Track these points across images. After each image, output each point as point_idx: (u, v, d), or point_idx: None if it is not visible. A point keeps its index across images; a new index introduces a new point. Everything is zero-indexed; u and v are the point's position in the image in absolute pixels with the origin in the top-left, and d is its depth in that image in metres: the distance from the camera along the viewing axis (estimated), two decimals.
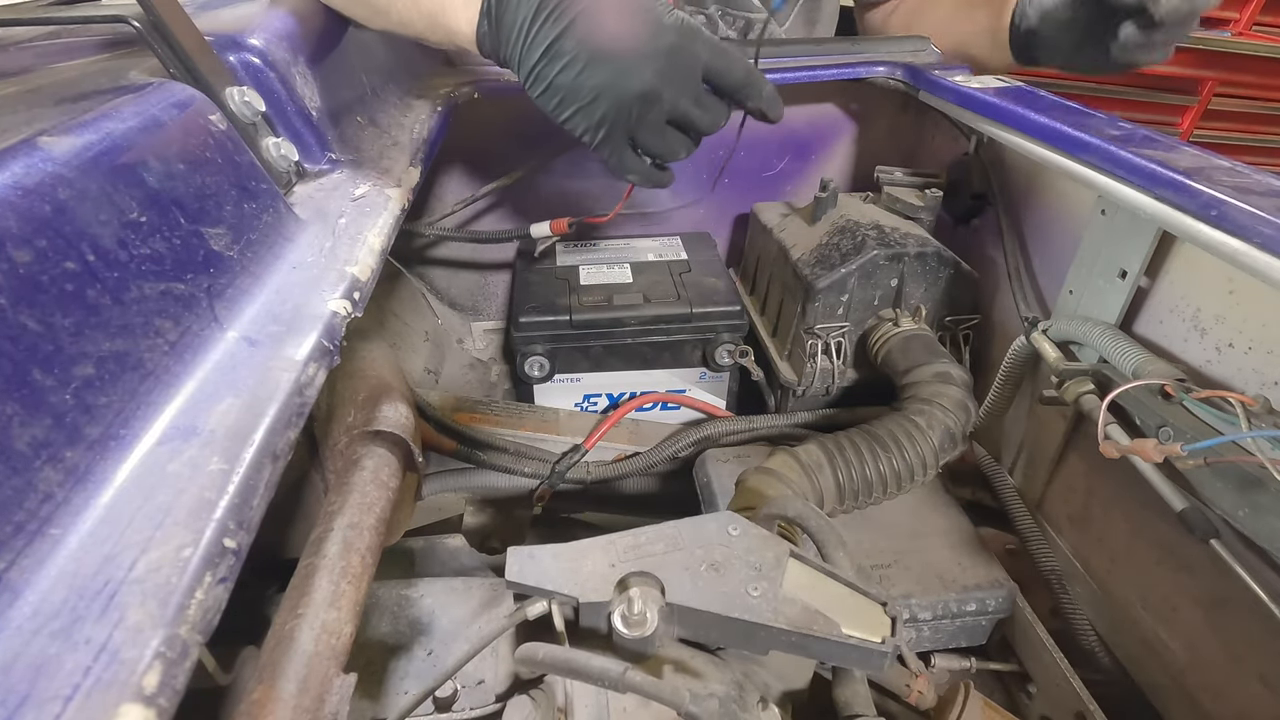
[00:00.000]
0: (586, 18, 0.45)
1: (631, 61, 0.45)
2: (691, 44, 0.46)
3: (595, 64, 0.45)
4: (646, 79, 0.45)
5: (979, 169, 0.78)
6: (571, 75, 0.46)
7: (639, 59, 0.45)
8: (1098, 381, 0.60)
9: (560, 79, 0.46)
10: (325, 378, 0.34)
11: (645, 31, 0.45)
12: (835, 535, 0.48)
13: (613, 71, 0.45)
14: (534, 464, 0.75)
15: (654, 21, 0.45)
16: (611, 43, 0.45)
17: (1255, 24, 2.15)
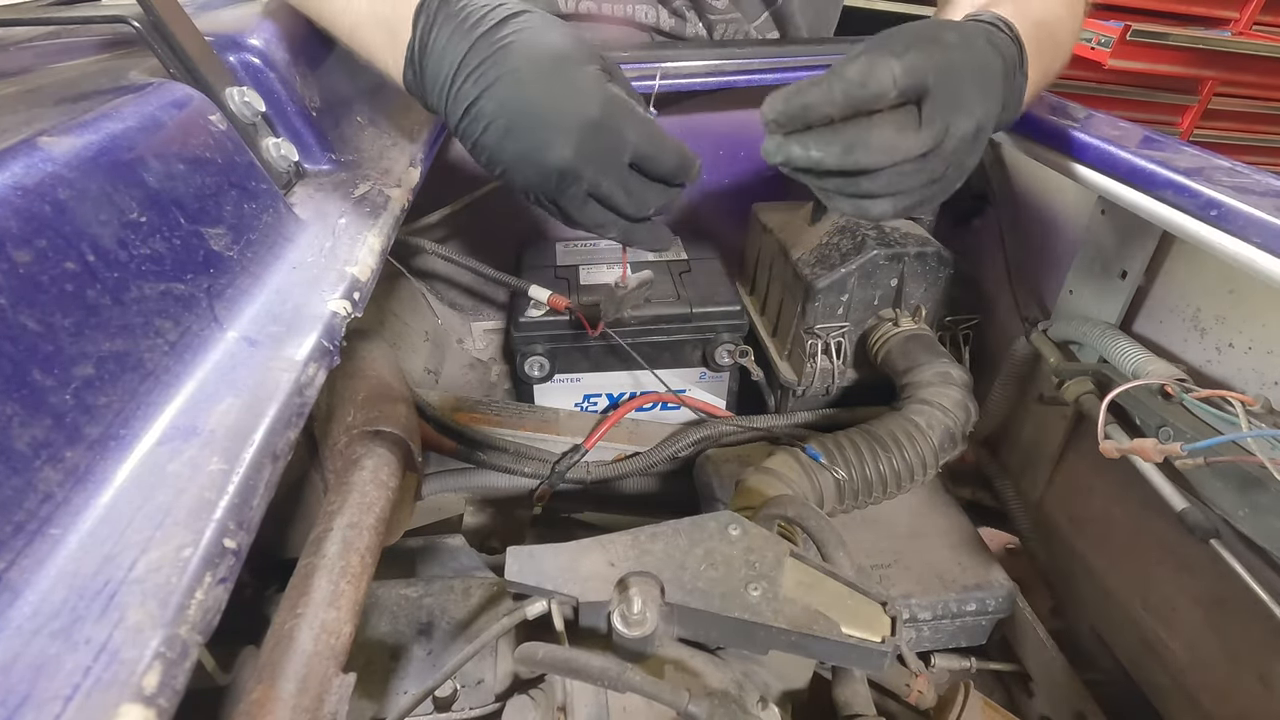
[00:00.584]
0: (506, 82, 0.42)
1: (549, 135, 0.42)
2: (619, 124, 0.44)
3: (514, 131, 0.43)
4: (564, 155, 0.43)
5: (979, 169, 0.78)
6: (493, 138, 0.44)
7: (557, 133, 0.42)
8: (1098, 381, 0.60)
9: (484, 140, 0.44)
10: (325, 378, 0.34)
11: (568, 105, 0.42)
12: (835, 535, 0.48)
13: (530, 142, 0.43)
14: (534, 464, 0.75)
15: (578, 94, 0.43)
16: (529, 112, 0.42)
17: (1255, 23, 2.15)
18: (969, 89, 0.42)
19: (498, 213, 0.92)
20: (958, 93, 0.41)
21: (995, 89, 0.44)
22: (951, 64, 0.41)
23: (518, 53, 0.43)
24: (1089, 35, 2.02)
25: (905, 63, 0.38)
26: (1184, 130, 2.28)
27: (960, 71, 0.41)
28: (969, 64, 0.42)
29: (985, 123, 0.43)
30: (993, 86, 0.44)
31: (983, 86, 0.43)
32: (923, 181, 0.43)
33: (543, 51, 0.43)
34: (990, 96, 0.43)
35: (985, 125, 0.43)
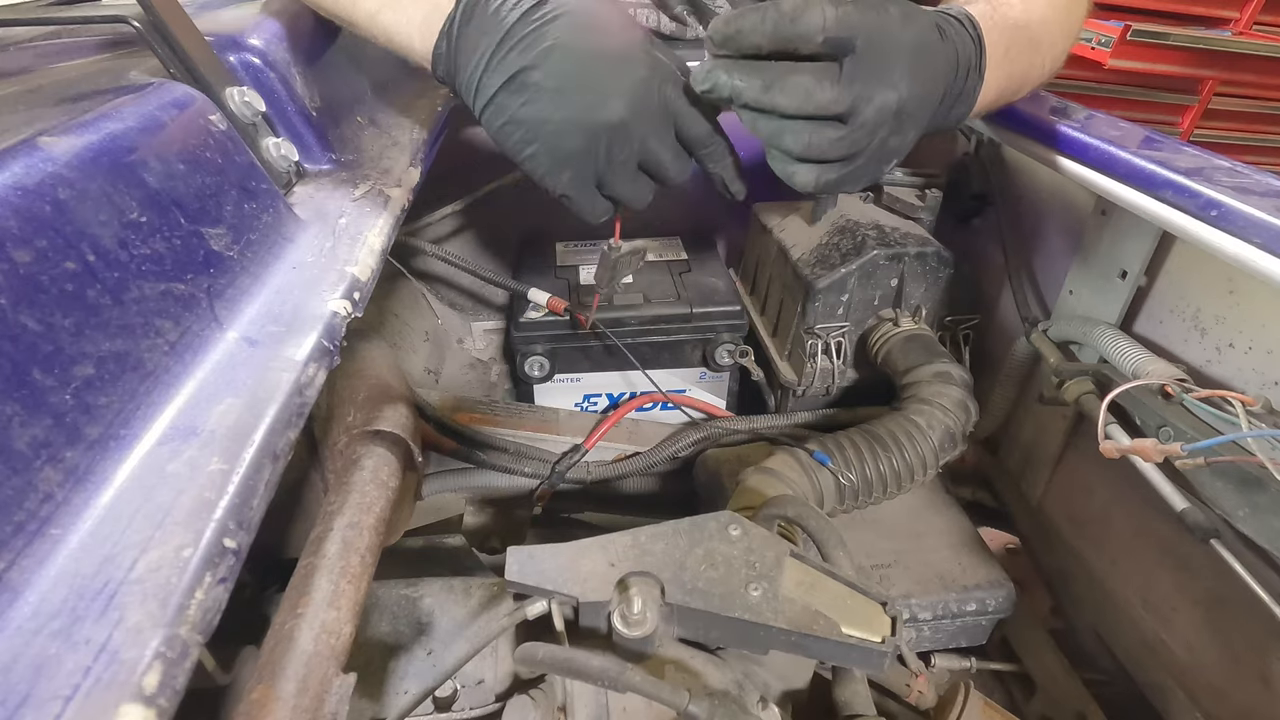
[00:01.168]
0: (558, 48, 0.42)
1: (601, 95, 0.43)
2: (664, 84, 0.44)
3: (564, 93, 0.43)
4: (619, 111, 0.43)
5: (979, 169, 0.78)
6: (536, 109, 0.43)
7: (609, 93, 0.43)
8: (1098, 381, 0.60)
9: (523, 112, 0.44)
10: (325, 378, 0.34)
11: (620, 65, 0.43)
12: (835, 535, 0.48)
13: (583, 104, 0.43)
14: (534, 464, 0.75)
15: (628, 55, 0.43)
16: (582, 73, 0.43)
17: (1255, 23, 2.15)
18: (898, 63, 0.41)
19: (498, 213, 0.92)
20: (884, 62, 0.40)
21: (931, 75, 0.43)
22: (885, 32, 0.40)
23: (565, 23, 0.43)
24: (1089, 35, 2.02)
25: (839, 13, 0.39)
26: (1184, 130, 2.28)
27: (893, 43, 0.41)
28: (906, 40, 0.41)
29: (910, 105, 0.42)
30: (928, 71, 0.43)
31: (915, 67, 0.42)
32: (842, 151, 0.42)
33: (589, 20, 0.44)
34: (922, 80, 0.42)
35: (910, 109, 0.42)
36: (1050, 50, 0.56)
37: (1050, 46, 0.56)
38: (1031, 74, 0.55)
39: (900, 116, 0.42)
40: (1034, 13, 0.53)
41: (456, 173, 0.88)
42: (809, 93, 0.40)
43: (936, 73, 0.44)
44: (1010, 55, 0.50)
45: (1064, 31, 0.57)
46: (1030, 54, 0.53)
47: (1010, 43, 0.50)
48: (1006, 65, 0.50)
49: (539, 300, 0.76)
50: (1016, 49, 0.51)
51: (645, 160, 0.47)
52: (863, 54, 0.40)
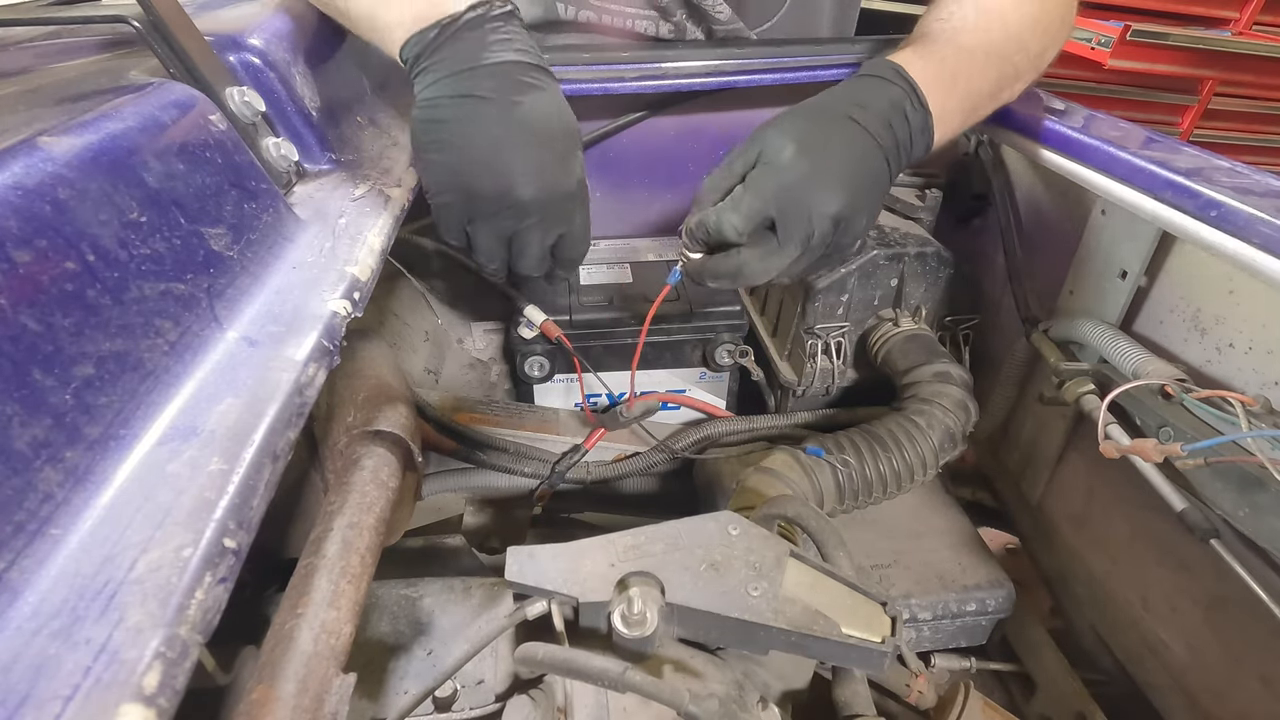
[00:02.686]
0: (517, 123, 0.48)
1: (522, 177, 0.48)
2: (575, 203, 0.53)
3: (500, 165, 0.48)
4: (527, 193, 0.48)
5: (979, 169, 0.78)
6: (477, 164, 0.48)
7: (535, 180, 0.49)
8: (1098, 381, 0.60)
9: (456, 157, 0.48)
10: (325, 378, 0.34)
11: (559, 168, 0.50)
12: (835, 535, 0.48)
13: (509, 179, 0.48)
14: (534, 464, 0.75)
15: (568, 167, 0.51)
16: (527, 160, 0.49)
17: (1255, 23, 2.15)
18: (815, 198, 0.48)
19: None
20: (802, 209, 0.48)
21: (856, 174, 0.49)
22: (787, 187, 0.48)
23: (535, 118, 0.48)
24: (1089, 35, 2.02)
25: (742, 212, 0.48)
26: (1184, 130, 2.28)
27: (799, 189, 0.48)
28: (810, 177, 0.48)
29: (847, 210, 0.48)
30: (852, 175, 0.49)
31: (832, 186, 0.48)
32: (808, 265, 0.51)
33: (557, 128, 0.50)
34: (850, 183, 0.48)
35: (849, 211, 0.49)
36: (1023, 56, 0.59)
37: (1021, 52, 0.58)
38: (1004, 84, 0.58)
39: (842, 224, 0.49)
40: (993, 29, 0.57)
41: None
42: (765, 269, 0.50)
43: (861, 166, 0.50)
44: (966, 77, 0.55)
45: (1040, 32, 0.59)
46: (996, 67, 0.57)
47: (960, 68, 0.55)
48: (960, 87, 0.55)
49: (535, 319, 0.75)
50: (973, 69, 0.56)
51: (518, 239, 0.52)
52: (781, 219, 0.48)
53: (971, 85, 0.56)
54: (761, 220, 0.48)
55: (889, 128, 0.51)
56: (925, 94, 0.52)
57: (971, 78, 0.55)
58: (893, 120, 0.51)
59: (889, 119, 0.51)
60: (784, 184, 0.48)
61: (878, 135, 0.50)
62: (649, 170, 0.87)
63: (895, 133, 0.51)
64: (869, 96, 0.51)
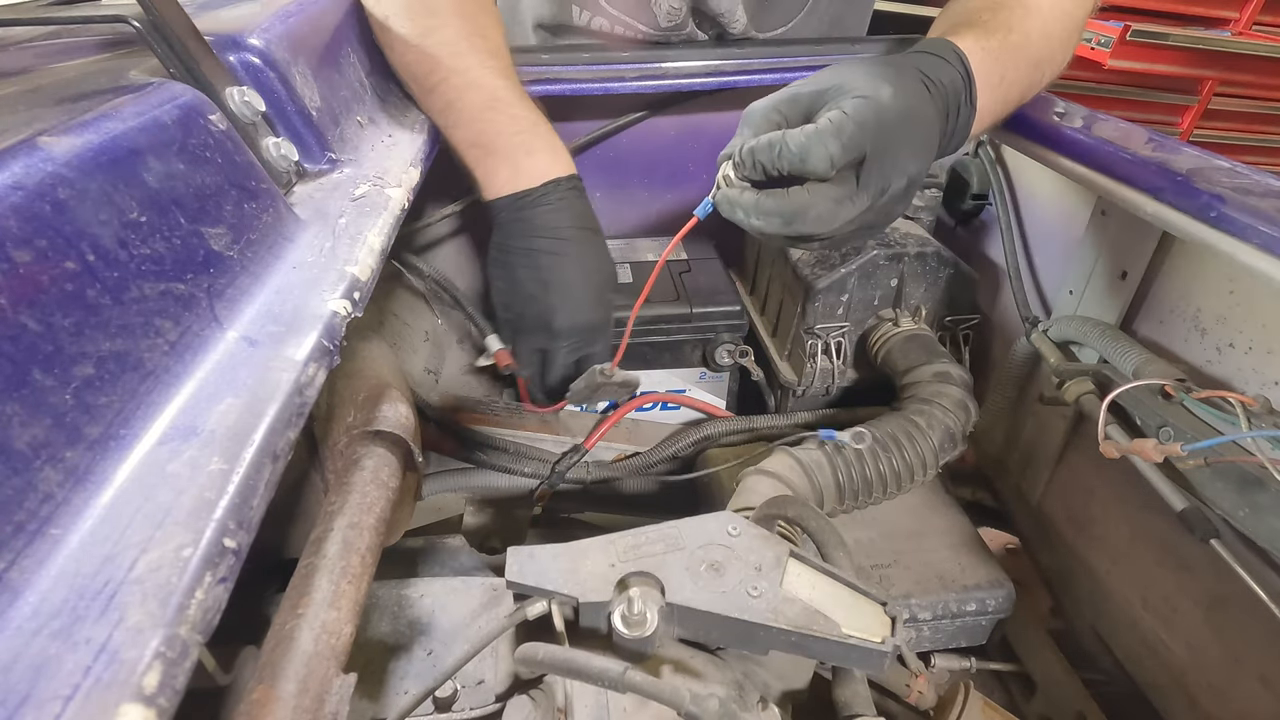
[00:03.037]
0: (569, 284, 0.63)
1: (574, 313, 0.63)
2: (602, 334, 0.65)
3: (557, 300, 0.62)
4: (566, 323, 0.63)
5: (979, 169, 0.78)
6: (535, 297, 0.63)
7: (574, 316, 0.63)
8: (1098, 382, 0.60)
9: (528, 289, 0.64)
10: (325, 378, 0.34)
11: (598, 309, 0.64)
12: (835, 535, 0.48)
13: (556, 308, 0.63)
14: (534, 464, 0.75)
15: (604, 306, 0.64)
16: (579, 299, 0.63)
17: (1255, 23, 2.15)
18: (904, 150, 0.44)
19: None
20: (894, 156, 0.44)
21: (929, 141, 0.46)
22: (887, 128, 0.43)
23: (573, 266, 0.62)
24: (1088, 35, 2.02)
25: (844, 141, 0.42)
26: (1184, 130, 2.28)
27: (896, 134, 0.44)
28: (905, 124, 0.44)
29: (917, 176, 0.46)
30: (927, 140, 0.46)
31: (917, 143, 0.45)
32: (853, 229, 0.47)
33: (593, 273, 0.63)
34: (923, 151, 0.46)
35: (916, 178, 0.46)
36: (1050, 64, 0.58)
37: (1049, 61, 0.58)
38: (1030, 90, 0.58)
39: (908, 190, 0.46)
40: (1033, 31, 0.55)
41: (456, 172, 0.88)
42: (833, 217, 0.44)
43: (932, 137, 0.47)
44: (1006, 80, 0.53)
45: (1065, 42, 0.58)
46: (1029, 72, 0.55)
47: (1006, 68, 0.52)
48: (1002, 90, 0.53)
49: (491, 348, 0.75)
50: (1014, 72, 0.53)
51: (551, 359, 0.65)
52: (873, 159, 0.43)
53: (1011, 91, 0.54)
54: (858, 154, 0.43)
55: (946, 114, 0.48)
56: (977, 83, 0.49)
57: (1013, 83, 0.53)
58: (949, 107, 0.48)
59: (949, 104, 0.48)
60: (886, 122, 0.43)
61: (942, 114, 0.47)
62: (649, 170, 0.87)
63: (949, 108, 0.48)
64: (939, 73, 0.48)
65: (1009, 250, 0.73)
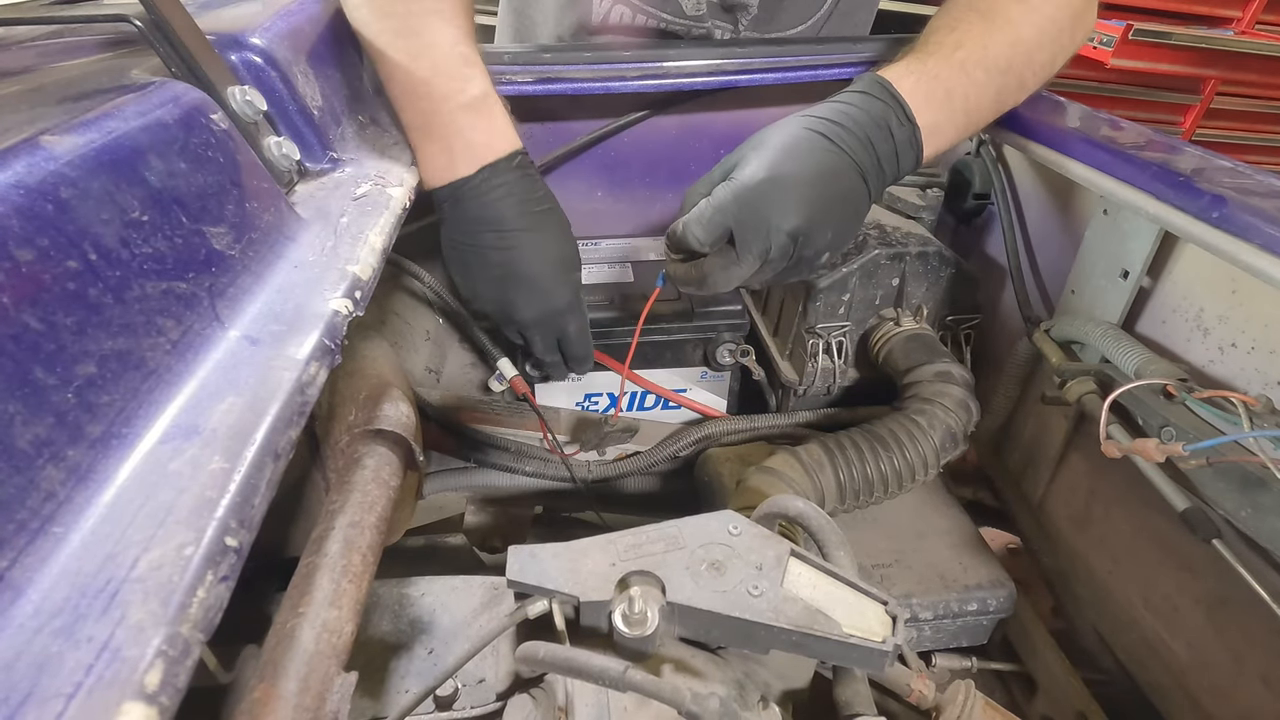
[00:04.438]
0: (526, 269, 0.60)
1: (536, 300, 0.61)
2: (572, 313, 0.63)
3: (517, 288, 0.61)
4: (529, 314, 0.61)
5: (981, 169, 0.78)
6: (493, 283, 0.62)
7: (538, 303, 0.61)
8: (1100, 381, 0.60)
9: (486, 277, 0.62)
10: (326, 377, 0.34)
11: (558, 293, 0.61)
12: (836, 534, 0.48)
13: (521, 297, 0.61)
14: (535, 463, 0.75)
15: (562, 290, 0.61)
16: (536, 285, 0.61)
17: (1258, 23, 2.15)
18: (776, 211, 0.50)
19: None
20: (761, 222, 0.50)
21: (823, 189, 0.51)
22: (747, 203, 0.50)
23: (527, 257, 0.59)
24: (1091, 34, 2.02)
25: (704, 224, 0.51)
26: (1186, 130, 2.28)
27: (760, 203, 0.50)
28: (774, 189, 0.50)
29: (806, 226, 0.50)
30: (818, 188, 0.51)
31: (797, 198, 0.50)
32: (773, 275, 0.54)
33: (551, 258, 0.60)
34: (811, 200, 0.50)
35: (808, 227, 0.50)
36: (1030, 68, 0.58)
37: (1029, 65, 0.58)
38: (1007, 95, 0.58)
39: (800, 236, 0.51)
40: (995, 43, 0.56)
41: None
42: (727, 278, 0.52)
43: (832, 175, 0.51)
44: (963, 94, 0.55)
45: (1050, 42, 0.58)
46: (998, 81, 0.57)
47: (954, 83, 0.55)
48: (960, 101, 0.55)
49: (507, 372, 0.75)
50: (971, 85, 0.56)
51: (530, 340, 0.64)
52: (739, 235, 0.50)
53: (970, 101, 0.56)
54: (722, 232, 0.51)
55: (867, 144, 0.52)
56: (914, 109, 0.53)
57: (969, 94, 0.56)
58: (873, 136, 0.52)
59: (869, 135, 0.52)
60: (742, 199, 0.50)
61: (852, 152, 0.51)
62: (651, 170, 0.87)
63: (876, 149, 0.52)
64: (851, 112, 0.52)
65: (1011, 249, 0.72)
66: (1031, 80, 0.59)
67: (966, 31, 0.56)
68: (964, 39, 0.56)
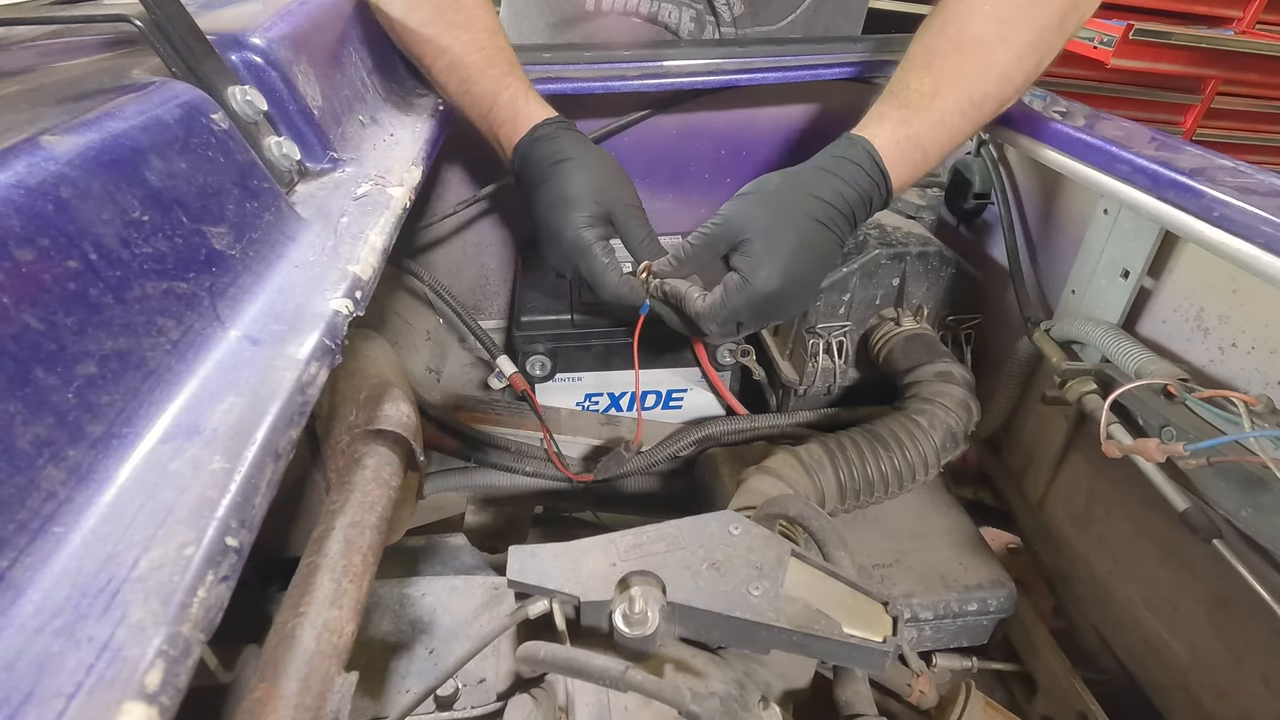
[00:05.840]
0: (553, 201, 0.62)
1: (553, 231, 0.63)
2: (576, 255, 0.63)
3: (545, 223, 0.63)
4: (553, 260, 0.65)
5: (981, 169, 0.78)
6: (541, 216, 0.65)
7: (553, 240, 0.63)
8: (1100, 381, 0.60)
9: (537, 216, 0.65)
10: (327, 377, 0.34)
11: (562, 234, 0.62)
12: (836, 534, 0.48)
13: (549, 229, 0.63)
14: (535, 463, 0.75)
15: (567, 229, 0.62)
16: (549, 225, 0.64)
17: (1259, 22, 2.15)
18: (786, 310, 0.57)
19: (500, 212, 0.92)
20: (773, 316, 0.58)
21: (819, 274, 0.58)
22: (762, 311, 0.56)
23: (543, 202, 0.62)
24: (1091, 35, 2.02)
25: (721, 325, 0.56)
26: (1187, 129, 2.28)
27: (772, 310, 0.56)
28: (785, 294, 0.55)
29: (800, 308, 0.60)
30: (817, 277, 0.58)
31: (803, 295, 0.57)
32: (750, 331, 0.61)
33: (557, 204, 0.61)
34: (813, 290, 0.59)
35: (802, 308, 0.61)
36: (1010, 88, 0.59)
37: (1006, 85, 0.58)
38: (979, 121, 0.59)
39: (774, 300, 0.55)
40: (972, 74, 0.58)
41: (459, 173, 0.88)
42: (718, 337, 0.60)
43: (825, 257, 0.56)
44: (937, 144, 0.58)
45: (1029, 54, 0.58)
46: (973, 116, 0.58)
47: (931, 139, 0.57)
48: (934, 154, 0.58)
49: (505, 370, 0.75)
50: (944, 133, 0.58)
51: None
52: (748, 324, 0.57)
53: (942, 146, 0.59)
54: (734, 327, 0.57)
55: (852, 219, 0.57)
56: (892, 177, 0.57)
57: (942, 141, 0.58)
58: (858, 213, 0.57)
59: (854, 213, 0.57)
60: (757, 306, 0.55)
61: (842, 234, 0.57)
62: (651, 169, 0.87)
63: (856, 219, 0.57)
64: (847, 194, 0.56)
65: (1011, 249, 0.72)
66: (1010, 96, 0.59)
67: (942, 72, 0.57)
68: (940, 83, 0.57)
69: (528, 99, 0.64)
